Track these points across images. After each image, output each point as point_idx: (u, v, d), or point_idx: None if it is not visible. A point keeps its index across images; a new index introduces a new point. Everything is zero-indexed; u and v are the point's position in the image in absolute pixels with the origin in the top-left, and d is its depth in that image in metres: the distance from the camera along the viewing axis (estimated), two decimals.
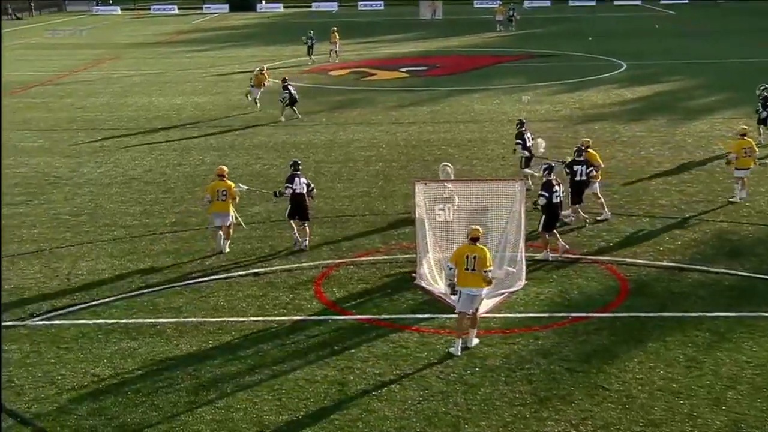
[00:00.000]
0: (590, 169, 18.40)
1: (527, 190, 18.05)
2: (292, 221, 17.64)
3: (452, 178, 17.85)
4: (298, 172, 17.68)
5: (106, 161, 25.45)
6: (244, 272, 16.42)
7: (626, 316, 14.15)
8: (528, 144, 21.51)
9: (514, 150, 21.77)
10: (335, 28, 47.27)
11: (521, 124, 21.79)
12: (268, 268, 16.60)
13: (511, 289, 15.17)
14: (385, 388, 12.01)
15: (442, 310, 14.49)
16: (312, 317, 14.37)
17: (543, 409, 11.43)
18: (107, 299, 15.23)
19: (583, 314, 14.25)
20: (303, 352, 13.09)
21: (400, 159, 25.12)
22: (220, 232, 17.43)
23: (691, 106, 32.69)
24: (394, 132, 28.84)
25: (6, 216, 20.13)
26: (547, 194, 16.36)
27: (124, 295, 15.39)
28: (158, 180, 23.29)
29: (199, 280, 16.06)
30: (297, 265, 16.73)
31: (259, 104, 32.37)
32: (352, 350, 13.14)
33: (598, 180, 19.02)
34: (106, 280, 16.17)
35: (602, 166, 19.52)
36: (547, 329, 13.77)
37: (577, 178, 18.34)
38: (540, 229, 16.63)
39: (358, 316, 14.37)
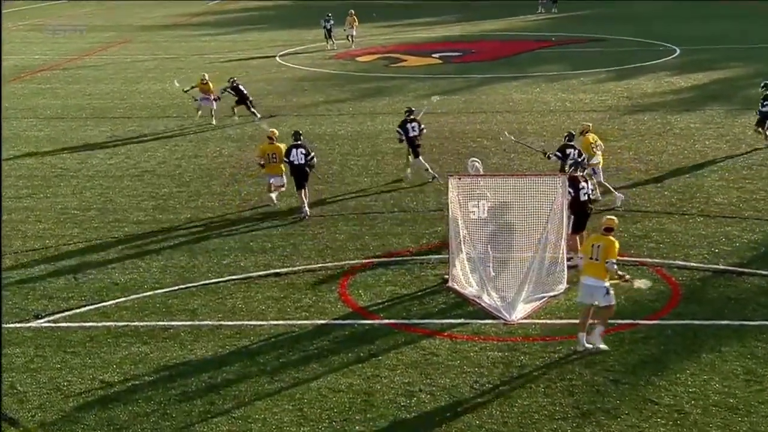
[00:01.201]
0: (582, 158, 18.46)
1: (432, 179, 21.20)
2: (300, 192, 19.55)
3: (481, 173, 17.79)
4: (298, 143, 19.42)
5: (117, 152, 25.66)
6: (263, 272, 16.47)
7: (677, 323, 14.00)
8: (411, 134, 21.76)
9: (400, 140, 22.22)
10: (353, 11, 47.22)
11: (410, 112, 22.57)
12: (290, 268, 16.63)
13: (552, 293, 15.08)
14: (415, 399, 11.98)
15: (476, 315, 14.44)
16: (336, 321, 14.38)
17: (586, 423, 11.34)
18: (117, 300, 15.34)
19: (630, 321, 14.12)
20: (326, 359, 13.10)
21: (431, 152, 25.05)
22: (272, 193, 19.98)
23: (751, 95, 32.25)
24: (425, 122, 28.67)
25: (10, 210, 20.37)
26: (572, 191, 16.18)
27: (135, 296, 15.50)
28: (172, 173, 23.44)
29: (216, 280, 16.14)
30: (320, 264, 16.76)
31: (214, 120, 29.04)
32: (379, 357, 13.12)
33: (595, 166, 19.27)
34: (116, 279, 16.29)
35: (598, 152, 19.64)
36: None
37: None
38: (569, 231, 16.44)
39: (386, 321, 14.36)
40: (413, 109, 22.98)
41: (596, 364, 12.76)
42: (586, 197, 16.30)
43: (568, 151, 18.42)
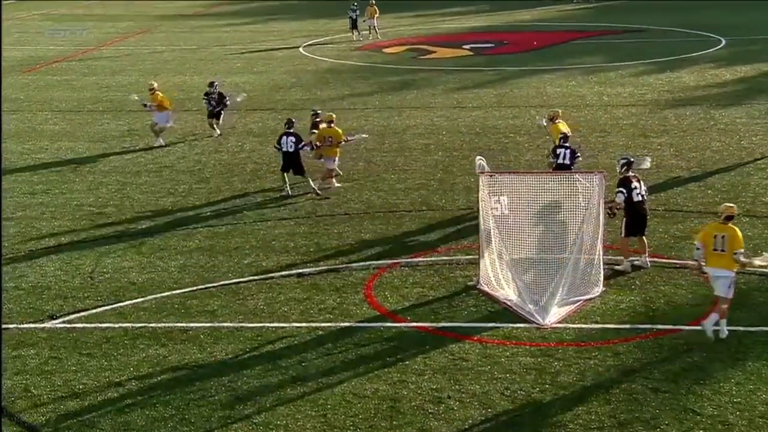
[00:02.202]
0: (577, 155, 19.08)
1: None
2: (284, 174, 21.01)
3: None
4: (290, 131, 20.91)
5: (135, 147, 25.86)
6: (286, 273, 16.55)
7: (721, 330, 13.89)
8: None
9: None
10: (373, 1, 47.19)
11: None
12: (313, 269, 16.70)
13: (587, 297, 15.02)
14: (443, 406, 11.99)
15: (507, 319, 14.42)
16: (361, 324, 14.41)
17: None
18: (134, 301, 15.47)
19: (671, 327, 14.04)
20: (351, 363, 13.14)
21: (461, 148, 25.05)
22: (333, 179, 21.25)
23: None
24: (455, 117, 28.77)
25: (24, 206, 20.59)
26: (625, 192, 16.10)
27: (152, 297, 15.62)
28: (192, 168, 23.60)
29: (237, 280, 16.23)
30: (345, 265, 16.81)
31: (161, 139, 26.00)
32: (406, 362, 13.14)
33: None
34: (133, 279, 16.43)
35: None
36: (628, 343, 13.59)
37: (560, 161, 18.97)
38: (621, 234, 16.37)
39: (413, 324, 14.38)
40: (318, 110, 23.17)
41: (635, 372, 12.70)
42: (640, 198, 16.21)
43: (558, 151, 19.02)
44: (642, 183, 16.49)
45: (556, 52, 41.45)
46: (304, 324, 14.46)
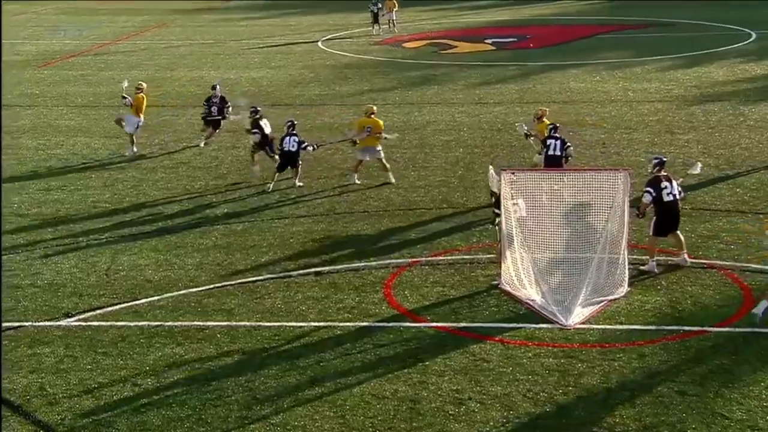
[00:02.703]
0: (567, 145, 19.42)
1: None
2: (277, 173, 21.42)
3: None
4: (292, 131, 21.39)
5: (151, 143, 25.98)
6: (304, 271, 16.59)
7: (750, 331, 13.82)
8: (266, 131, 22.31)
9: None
10: None
11: (255, 111, 23.08)
12: (332, 267, 16.73)
13: (612, 297, 14.98)
14: (464, 407, 11.99)
15: (529, 319, 14.40)
16: (380, 324, 14.43)
17: None
18: (150, 299, 15.56)
19: (698, 328, 13.98)
20: (370, 364, 13.16)
21: (483, 144, 25.03)
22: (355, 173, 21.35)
23: None
24: (477, 113, 28.74)
25: (40, 203, 20.74)
26: (653, 192, 16.03)
27: (168, 295, 15.70)
28: (209, 165, 23.69)
29: (254, 279, 16.29)
30: (364, 263, 16.83)
31: (134, 149, 24.54)
32: (426, 362, 13.15)
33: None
34: (149, 277, 16.52)
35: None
36: (653, 344, 13.54)
37: (551, 153, 19.27)
38: (651, 233, 16.29)
39: (434, 324, 14.38)
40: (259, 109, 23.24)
41: (660, 374, 12.66)
42: (671, 197, 16.11)
43: (548, 141, 19.35)
44: (674, 182, 16.37)
45: (580, 47, 41.32)
46: (322, 323, 14.49)
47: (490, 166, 17.07)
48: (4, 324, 14.59)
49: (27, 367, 13.23)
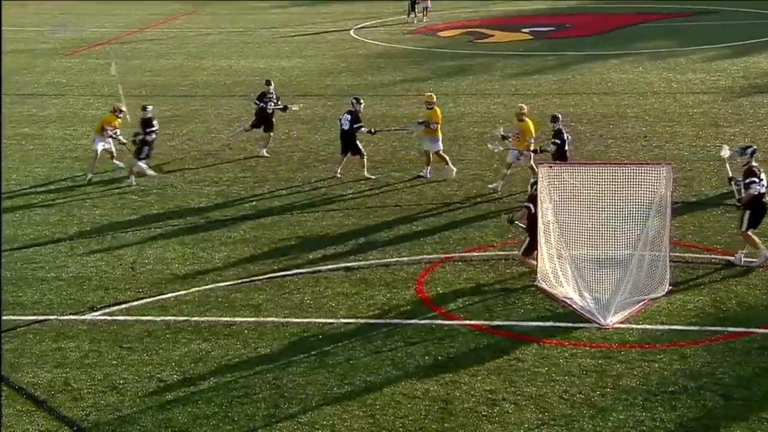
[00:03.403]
0: (567, 138, 19.58)
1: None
2: (342, 156, 21.53)
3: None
4: (351, 109, 21.48)
5: (179, 133, 26.13)
6: (333, 266, 16.61)
7: None
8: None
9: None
10: None
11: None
12: (362, 262, 16.74)
13: (652, 296, 14.86)
14: (497, 408, 11.96)
15: (566, 318, 14.33)
16: (412, 321, 14.42)
17: None
18: (176, 293, 15.66)
19: (743, 329, 13.84)
20: (401, 362, 13.16)
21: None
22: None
23: None
24: (513, 105, 28.41)
25: (64, 194, 20.90)
26: (758, 182, 15.74)
27: (195, 289, 15.79)
28: (237, 157, 23.78)
29: (282, 273, 16.33)
30: (395, 259, 16.82)
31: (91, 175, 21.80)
32: (459, 362, 13.13)
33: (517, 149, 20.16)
34: (175, 270, 16.62)
35: (532, 140, 20.19)
36: (696, 345, 13.43)
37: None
38: (743, 227, 16.08)
39: (467, 322, 14.35)
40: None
41: (703, 376, 12.54)
42: (764, 189, 15.90)
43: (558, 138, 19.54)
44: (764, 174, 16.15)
45: (621, 36, 40.99)
46: (352, 320, 14.50)
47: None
48: (29, 317, 14.78)
49: (52, 362, 13.37)
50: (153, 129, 21.80)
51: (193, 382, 12.77)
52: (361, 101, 22.14)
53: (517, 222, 16.42)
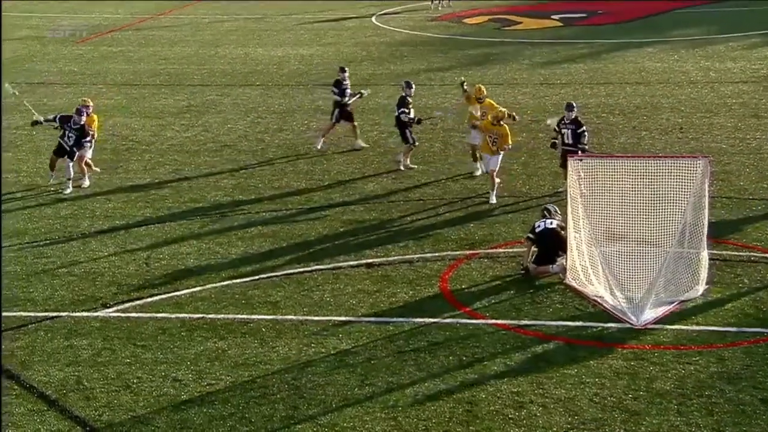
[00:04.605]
0: (581, 129, 19.38)
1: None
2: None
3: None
4: (403, 94, 21.71)
5: (194, 124, 26.25)
6: (354, 262, 16.65)
7: None
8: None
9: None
10: None
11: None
12: (384, 259, 16.77)
13: (688, 295, 14.82)
14: (524, 411, 11.97)
15: (597, 318, 14.31)
16: (436, 320, 14.44)
17: None
18: (192, 289, 15.74)
19: None
20: (424, 362, 13.18)
21: (548, 129, 24.81)
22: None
23: None
24: (542, 95, 28.56)
25: (76, 187, 21.00)
26: None
27: (211, 286, 15.88)
28: (254, 148, 23.87)
29: (301, 270, 16.39)
30: (419, 255, 16.85)
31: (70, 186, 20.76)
32: (485, 362, 13.14)
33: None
34: (190, 266, 16.72)
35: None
36: (734, 347, 13.38)
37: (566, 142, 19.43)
38: None
39: (493, 321, 14.36)
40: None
41: (742, 380, 12.50)
42: None
43: (562, 130, 19.64)
44: None
45: (656, 23, 40.77)
46: (373, 318, 14.54)
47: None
48: (41, 314, 14.92)
49: (64, 360, 13.49)
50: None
51: (209, 382, 12.85)
52: (412, 85, 22.19)
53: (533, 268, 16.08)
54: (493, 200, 19.31)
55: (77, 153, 20.59)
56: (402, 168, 21.43)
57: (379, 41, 38.29)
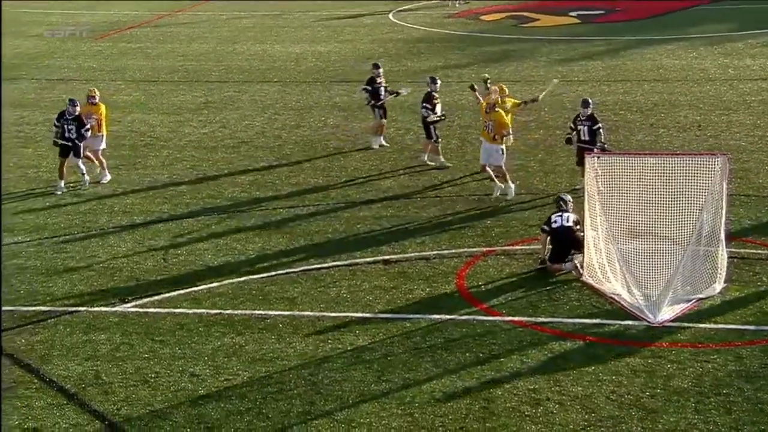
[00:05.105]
0: (597, 126, 19.24)
1: None
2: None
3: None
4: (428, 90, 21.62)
5: (212, 120, 26.31)
6: (371, 259, 16.67)
7: None
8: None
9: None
10: None
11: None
12: (401, 255, 16.78)
13: (706, 293, 14.76)
14: (541, 408, 11.95)
15: (614, 315, 14.28)
16: (452, 317, 14.44)
17: None
18: (209, 285, 15.79)
19: None
20: (441, 359, 13.19)
21: (566, 126, 24.69)
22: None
23: None
24: (559, 92, 28.38)
25: (95, 182, 21.09)
26: None
27: (228, 281, 15.92)
28: (272, 144, 23.90)
29: (318, 266, 16.41)
30: (436, 252, 16.84)
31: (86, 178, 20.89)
32: (501, 359, 13.13)
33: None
34: (208, 262, 16.77)
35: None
36: (753, 346, 13.32)
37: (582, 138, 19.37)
38: None
39: (510, 318, 14.34)
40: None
41: (760, 378, 12.45)
42: None
43: (578, 126, 19.50)
44: None
45: (675, 20, 40.57)
46: (390, 315, 14.55)
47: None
48: (60, 308, 15.01)
49: (83, 354, 13.57)
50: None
51: (226, 377, 12.89)
52: (437, 81, 22.14)
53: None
54: (498, 193, 19.35)
55: (81, 146, 20.42)
56: (430, 163, 21.47)
57: (397, 38, 38.26)
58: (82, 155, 20.59)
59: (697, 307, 14.47)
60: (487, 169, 19.52)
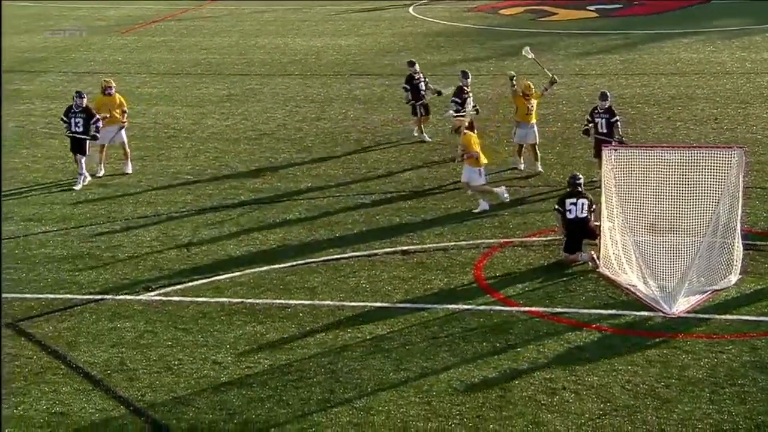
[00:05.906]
0: (615, 119, 19.13)
1: None
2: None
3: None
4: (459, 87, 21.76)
5: (234, 113, 26.38)
6: (390, 249, 16.69)
7: None
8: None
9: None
10: None
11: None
12: (419, 246, 16.79)
13: (721, 285, 14.71)
14: (557, 397, 11.96)
15: (630, 306, 14.26)
16: (470, 306, 14.46)
17: None
18: (231, 275, 15.87)
19: None
20: (458, 349, 13.21)
21: (583, 119, 24.61)
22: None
23: None
24: (576, 86, 28.37)
25: (120, 173, 21.20)
26: None
27: (250, 271, 15.99)
28: (293, 137, 23.94)
29: (338, 256, 16.45)
30: (454, 243, 16.85)
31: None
32: (518, 349, 13.14)
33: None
34: (230, 252, 16.85)
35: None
36: (767, 337, 13.27)
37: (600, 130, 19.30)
38: None
39: (527, 308, 14.35)
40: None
41: None
42: None
43: (595, 120, 19.44)
44: None
45: (692, 14, 40.33)
46: (408, 305, 14.58)
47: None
48: (86, 296, 15.13)
49: (108, 341, 13.69)
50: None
51: (248, 365, 12.96)
52: (468, 75, 22.15)
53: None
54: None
55: (86, 142, 20.27)
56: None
57: (416, 32, 38.18)
58: (87, 152, 20.55)
59: (713, 299, 14.43)
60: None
